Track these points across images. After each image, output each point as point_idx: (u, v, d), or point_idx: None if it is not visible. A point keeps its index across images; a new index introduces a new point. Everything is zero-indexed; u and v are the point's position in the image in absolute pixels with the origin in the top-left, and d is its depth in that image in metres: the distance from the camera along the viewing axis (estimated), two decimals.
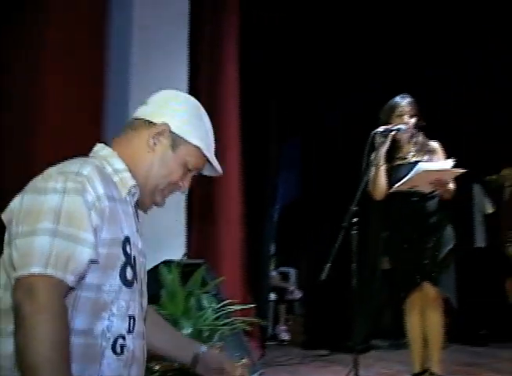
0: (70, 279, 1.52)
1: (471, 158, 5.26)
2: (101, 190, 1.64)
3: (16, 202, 1.60)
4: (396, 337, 6.15)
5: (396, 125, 4.36)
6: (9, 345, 1.52)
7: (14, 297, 1.48)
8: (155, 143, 1.82)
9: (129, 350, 1.68)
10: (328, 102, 7.39)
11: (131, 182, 1.78)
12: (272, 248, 8.42)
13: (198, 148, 1.86)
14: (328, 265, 3.58)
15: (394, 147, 4.53)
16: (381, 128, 4.29)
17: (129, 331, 1.69)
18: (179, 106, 1.88)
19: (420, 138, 4.53)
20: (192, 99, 1.94)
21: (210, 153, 1.90)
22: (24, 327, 1.44)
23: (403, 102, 4.49)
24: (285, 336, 8.07)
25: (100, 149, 1.82)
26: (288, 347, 7.48)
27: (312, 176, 7.52)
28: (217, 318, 3.54)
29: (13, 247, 1.53)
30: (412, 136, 4.50)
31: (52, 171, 1.65)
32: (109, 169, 1.76)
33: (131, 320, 1.71)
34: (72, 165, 1.66)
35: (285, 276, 8.99)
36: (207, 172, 1.98)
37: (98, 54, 4.74)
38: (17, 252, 1.52)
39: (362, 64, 7.11)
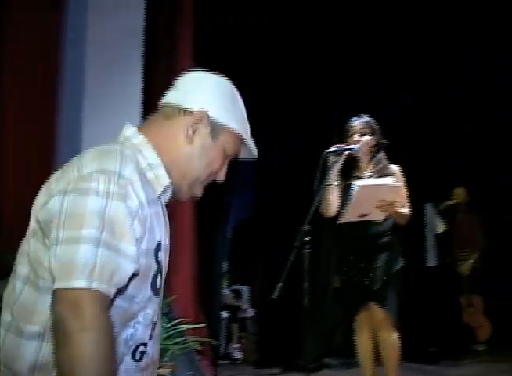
0: (112, 292, 1.44)
1: (423, 178, 5.40)
2: (143, 196, 1.54)
3: (56, 202, 1.48)
4: (348, 356, 6.06)
5: (348, 145, 4.39)
6: (29, 348, 1.48)
7: (56, 310, 1.39)
8: (194, 133, 1.68)
9: (148, 356, 1.63)
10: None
11: (167, 181, 1.66)
12: (225, 266, 8.38)
13: (237, 133, 1.75)
14: (280, 284, 3.55)
15: (353, 166, 4.58)
16: (333, 148, 4.30)
17: (150, 338, 1.64)
18: (214, 88, 1.73)
19: (380, 159, 4.56)
20: (225, 79, 1.78)
21: (247, 136, 1.79)
22: (70, 344, 1.36)
23: (355, 121, 4.54)
24: (237, 355, 7.94)
25: (133, 134, 1.67)
26: (241, 366, 7.43)
27: (266, 194, 7.54)
28: (168, 337, 3.49)
29: (52, 253, 1.43)
30: (372, 156, 4.55)
31: (90, 168, 1.50)
32: (143, 163, 1.62)
33: (153, 326, 1.66)
34: (111, 161, 1.52)
35: (238, 294, 8.81)
36: (242, 155, 1.85)
37: (53, 70, 4.69)
38: (58, 260, 1.42)
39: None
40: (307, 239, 3.77)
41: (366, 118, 4.57)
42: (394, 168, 4.54)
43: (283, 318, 6.85)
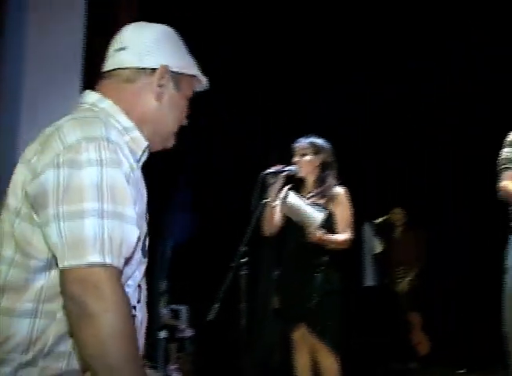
0: (122, 263, 1.46)
1: (362, 199, 5.30)
2: (130, 159, 1.56)
3: (49, 176, 1.44)
4: None
5: (287, 166, 4.44)
6: (23, 326, 1.47)
7: (71, 291, 1.38)
8: (161, 91, 1.70)
9: (138, 320, 1.63)
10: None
11: (145, 143, 1.67)
12: (164, 285, 8.04)
13: (194, 76, 1.79)
14: (216, 305, 3.59)
15: (301, 186, 4.63)
16: (272, 169, 4.35)
17: (138, 301, 1.65)
18: (164, 40, 1.72)
19: (325, 179, 4.56)
20: (165, 26, 1.78)
21: (198, 72, 1.81)
22: (95, 326, 1.36)
23: (298, 142, 4.58)
24: (175, 375, 7.61)
25: (98, 100, 1.65)
26: None
27: (206, 214, 7.54)
28: None
29: (53, 230, 1.41)
30: (317, 176, 4.56)
31: (74, 136, 1.48)
32: (118, 127, 1.62)
33: (140, 290, 1.66)
34: (95, 127, 1.51)
35: (176, 314, 8.43)
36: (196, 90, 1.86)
37: None
38: (63, 238, 1.40)
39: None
40: (244, 260, 3.81)
41: (311, 139, 4.59)
42: (338, 190, 4.54)
43: (221, 338, 6.78)
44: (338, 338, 4.43)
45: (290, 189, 4.51)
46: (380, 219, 7.58)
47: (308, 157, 4.52)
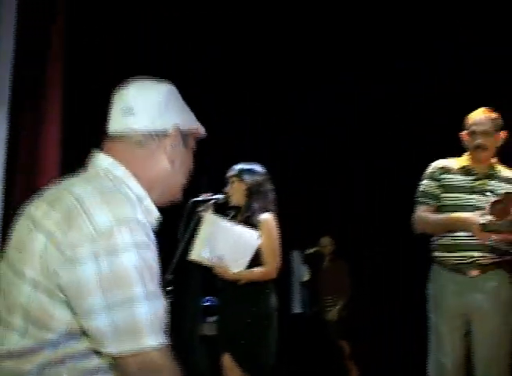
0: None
1: (291, 226, 5.30)
2: (153, 237, 1.59)
3: (88, 268, 1.46)
4: None
5: (215, 195, 4.45)
6: (44, 352, 1.48)
7: (129, 373, 1.47)
8: (174, 152, 1.72)
9: None
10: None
11: (157, 213, 1.72)
12: None
13: (197, 129, 1.83)
14: None
15: (236, 212, 4.61)
16: (200, 197, 4.37)
17: None
18: (169, 99, 1.73)
19: (250, 206, 4.50)
20: (167, 84, 1.78)
21: (199, 124, 1.85)
22: None
23: (229, 170, 4.59)
24: None
25: (112, 166, 1.66)
26: None
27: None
28: None
29: (103, 319, 1.45)
30: (245, 205, 4.53)
31: (106, 218, 1.49)
32: (132, 197, 1.62)
33: None
34: (122, 207, 1.53)
35: None
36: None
37: None
38: (115, 325, 1.45)
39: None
40: (169, 288, 3.77)
41: (241, 165, 4.58)
42: (263, 217, 4.45)
43: None
44: (264, 366, 4.35)
45: (232, 217, 4.53)
46: (311, 250, 7.66)
47: (235, 185, 4.52)
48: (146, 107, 1.67)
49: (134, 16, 6.03)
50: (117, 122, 1.69)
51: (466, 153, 4.20)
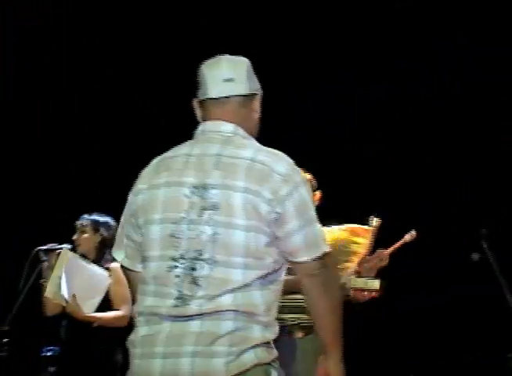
0: None
1: None
2: None
3: (288, 203, 1.98)
4: None
5: (61, 244, 4.37)
6: (263, 298, 1.95)
7: (317, 272, 2.02)
8: (259, 108, 2.25)
9: None
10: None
11: None
12: None
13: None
14: None
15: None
16: (46, 246, 4.31)
17: None
18: (250, 69, 2.22)
19: (103, 257, 4.48)
20: (243, 57, 2.25)
21: None
22: (333, 293, 2.07)
23: (79, 219, 4.55)
24: None
25: (235, 129, 2.12)
26: None
27: None
28: None
29: (298, 237, 1.99)
30: (96, 255, 4.51)
31: (284, 167, 2.04)
32: None
33: None
34: (283, 155, 2.09)
35: None
36: None
37: None
38: (306, 240, 1.99)
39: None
40: (5, 340, 3.74)
41: (94, 217, 4.55)
42: (113, 265, 4.37)
43: None
44: None
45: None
46: None
47: (86, 235, 4.47)
48: (242, 76, 2.15)
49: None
50: (218, 88, 2.11)
51: None
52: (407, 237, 3.95)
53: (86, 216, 4.53)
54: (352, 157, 7.48)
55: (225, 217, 1.92)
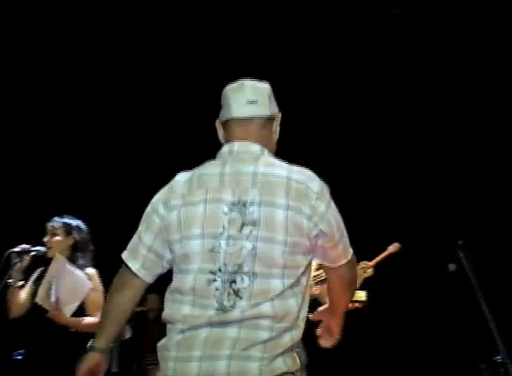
0: None
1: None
2: None
3: (330, 217, 2.17)
4: None
5: (35, 246, 4.31)
6: (294, 305, 2.10)
7: (347, 270, 2.31)
8: (277, 130, 2.37)
9: None
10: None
11: None
12: None
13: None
14: None
15: None
16: (18, 248, 4.24)
17: None
18: (271, 93, 2.34)
19: (77, 260, 4.39)
20: (265, 82, 2.38)
21: None
22: (355, 286, 2.51)
23: (51, 222, 4.46)
24: None
25: (261, 149, 2.25)
26: None
27: None
28: None
29: (340, 247, 2.24)
30: (68, 259, 4.37)
31: (317, 185, 2.18)
32: None
33: None
34: (314, 174, 2.22)
35: None
36: None
37: None
38: (344, 248, 2.26)
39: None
40: None
41: (65, 219, 4.47)
42: (90, 271, 4.37)
43: None
44: None
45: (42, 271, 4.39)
46: (137, 309, 7.38)
47: (58, 238, 4.39)
48: (264, 99, 2.28)
49: None
50: (243, 109, 2.26)
51: None
52: (391, 249, 3.99)
53: (57, 219, 4.49)
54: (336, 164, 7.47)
55: (266, 232, 2.06)
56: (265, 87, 2.32)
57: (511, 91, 6.71)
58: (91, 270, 4.34)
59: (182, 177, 2.23)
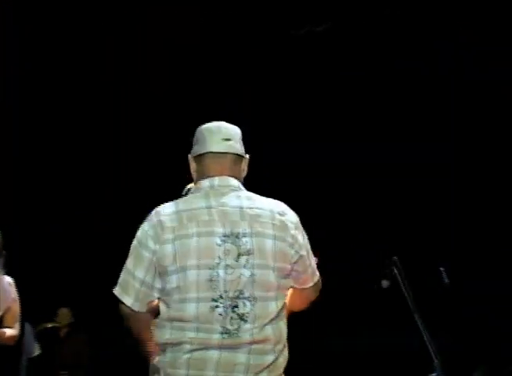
0: None
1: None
2: None
3: (303, 246, 2.35)
4: None
5: None
6: (283, 328, 2.33)
7: (314, 293, 2.45)
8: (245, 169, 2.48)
9: None
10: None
11: None
12: None
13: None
14: None
15: None
16: None
17: None
18: (241, 135, 2.46)
19: None
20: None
21: None
22: (312, 300, 2.50)
23: None
24: None
25: (238, 184, 2.40)
26: None
27: None
28: None
29: (309, 269, 2.38)
30: None
31: (291, 211, 2.38)
32: None
33: None
34: (286, 206, 2.39)
35: None
36: None
37: None
38: (311, 269, 2.38)
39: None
40: None
41: None
42: (8, 279, 4.10)
43: None
44: None
45: None
46: (47, 325, 7.28)
47: None
48: (236, 139, 2.42)
49: None
50: (220, 145, 2.40)
51: None
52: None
53: None
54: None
55: (260, 260, 2.27)
56: (237, 129, 2.47)
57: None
58: (9, 278, 4.13)
59: (167, 211, 2.35)
